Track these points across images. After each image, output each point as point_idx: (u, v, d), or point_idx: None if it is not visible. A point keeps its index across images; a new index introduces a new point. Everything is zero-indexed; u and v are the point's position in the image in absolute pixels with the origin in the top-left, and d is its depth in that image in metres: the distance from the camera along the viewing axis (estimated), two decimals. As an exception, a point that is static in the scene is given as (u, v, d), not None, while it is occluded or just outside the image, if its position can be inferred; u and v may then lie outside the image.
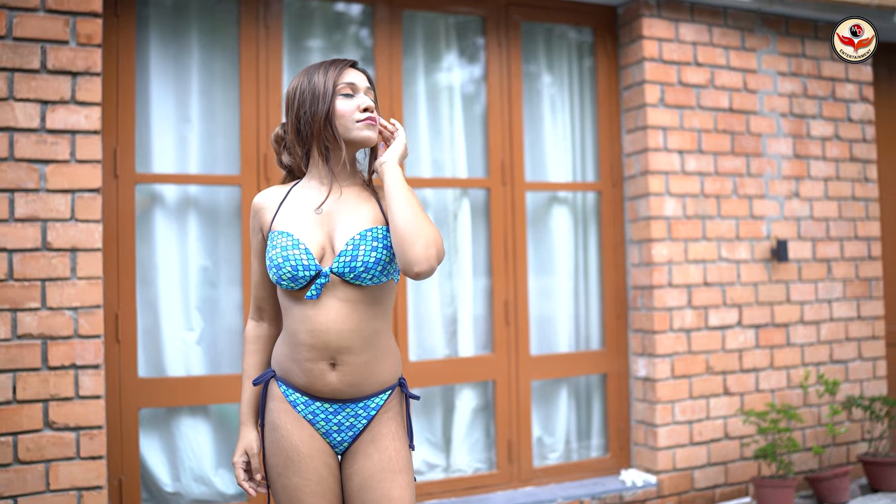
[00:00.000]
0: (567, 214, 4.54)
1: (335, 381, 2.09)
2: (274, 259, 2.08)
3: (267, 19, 3.89)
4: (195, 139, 3.85)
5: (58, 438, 3.21)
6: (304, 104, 2.13)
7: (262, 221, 2.20)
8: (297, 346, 2.09)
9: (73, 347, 3.25)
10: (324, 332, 2.06)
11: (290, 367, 2.12)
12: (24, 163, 3.22)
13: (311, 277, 2.06)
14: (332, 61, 2.17)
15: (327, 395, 2.10)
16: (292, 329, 2.10)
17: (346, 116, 2.12)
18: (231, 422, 3.84)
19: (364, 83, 2.17)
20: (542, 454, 4.40)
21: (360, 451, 2.12)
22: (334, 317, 2.07)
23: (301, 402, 2.12)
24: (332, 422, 2.12)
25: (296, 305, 2.09)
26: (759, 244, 4.56)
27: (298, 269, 2.05)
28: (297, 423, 2.11)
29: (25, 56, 3.24)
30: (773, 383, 4.56)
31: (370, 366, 2.11)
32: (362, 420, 2.13)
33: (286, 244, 2.08)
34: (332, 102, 2.11)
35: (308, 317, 2.07)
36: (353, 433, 2.13)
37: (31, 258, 3.21)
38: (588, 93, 4.60)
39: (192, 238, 3.82)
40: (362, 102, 2.13)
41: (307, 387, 2.10)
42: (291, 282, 2.06)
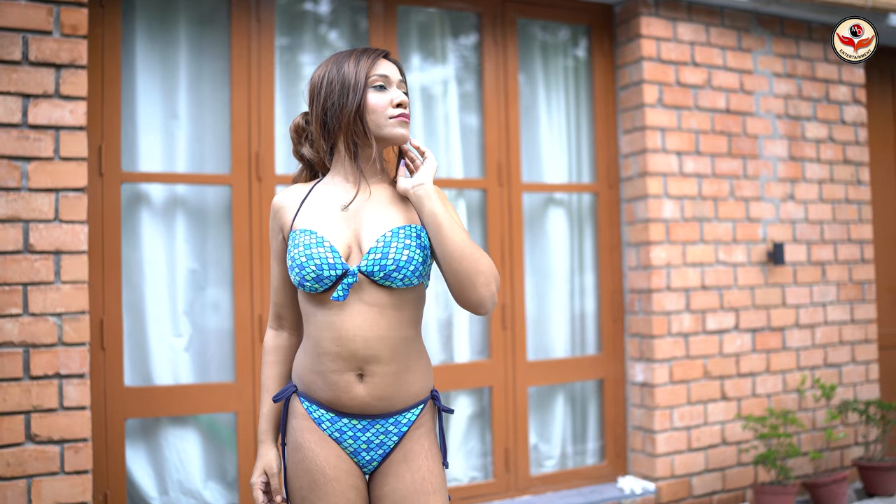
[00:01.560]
0: (563, 216, 4.44)
1: (363, 394, 1.93)
2: (296, 258, 1.92)
3: (259, 11, 3.73)
4: (183, 136, 3.68)
5: (40, 452, 3.03)
6: (332, 95, 1.98)
7: (282, 221, 2.05)
8: (321, 355, 1.93)
9: (56, 356, 3.07)
10: (350, 340, 1.90)
11: (314, 381, 1.96)
12: (5, 160, 3.04)
13: (336, 278, 1.90)
14: (363, 49, 2.02)
15: (355, 410, 1.94)
16: (315, 337, 1.94)
17: (378, 112, 1.97)
18: (220, 432, 3.68)
19: (397, 75, 2.02)
20: (538, 462, 4.29)
21: (392, 472, 1.97)
22: (360, 322, 1.91)
23: (326, 418, 1.96)
24: (361, 440, 1.96)
25: (319, 311, 1.93)
26: (756, 247, 4.50)
27: (323, 267, 1.89)
28: (322, 443, 1.95)
29: (6, 46, 3.06)
30: (770, 388, 4.50)
31: (400, 377, 1.95)
32: (393, 437, 1.97)
33: (309, 242, 1.92)
34: (364, 95, 1.96)
35: (333, 323, 1.91)
36: (383, 451, 1.97)
37: (11, 261, 3.03)
38: (584, 92, 4.50)
39: (180, 240, 3.65)
40: (396, 97, 1.99)
41: (332, 401, 1.94)
42: (316, 282, 1.90)
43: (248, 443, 3.61)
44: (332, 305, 1.92)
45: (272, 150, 3.71)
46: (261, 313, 3.64)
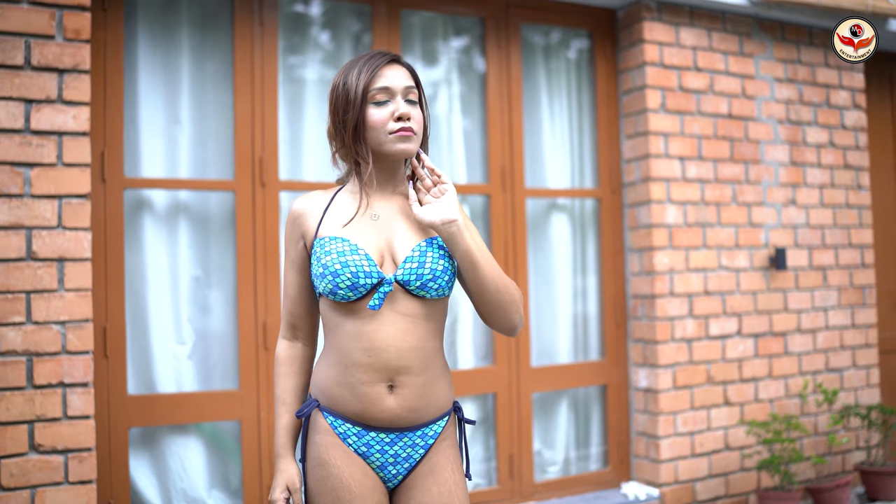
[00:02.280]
0: (566, 222, 4.42)
1: (394, 405, 1.89)
2: (329, 265, 1.86)
3: (262, 15, 3.70)
4: (186, 141, 3.64)
5: (44, 462, 2.99)
6: (339, 109, 1.95)
7: (303, 228, 1.98)
8: (351, 367, 1.88)
9: (60, 364, 3.03)
10: (383, 350, 1.86)
11: (340, 394, 1.90)
12: (7, 166, 2.99)
13: (371, 286, 1.86)
14: (370, 56, 1.95)
15: (384, 423, 1.90)
16: (344, 348, 1.89)
17: (377, 128, 1.91)
18: (224, 440, 3.64)
19: (402, 82, 1.94)
20: (541, 468, 4.27)
21: (418, 486, 1.93)
22: (394, 332, 1.87)
23: (353, 433, 1.91)
24: (388, 454, 1.92)
25: (348, 320, 1.88)
26: (758, 252, 4.49)
27: (360, 275, 1.85)
28: (348, 459, 1.90)
29: (8, 51, 3.01)
30: (772, 393, 4.50)
31: (428, 388, 1.92)
32: (420, 450, 1.94)
33: (343, 249, 1.87)
34: (362, 112, 1.91)
35: (365, 333, 1.87)
36: (409, 465, 1.94)
37: (14, 269, 2.99)
38: (586, 97, 4.49)
39: (183, 246, 3.61)
40: (397, 109, 1.91)
41: (361, 414, 1.89)
42: (350, 290, 1.85)
43: (252, 451, 3.57)
44: (364, 315, 1.87)
45: (276, 156, 3.68)
46: (265, 320, 3.61)
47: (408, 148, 1.93)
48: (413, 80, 1.98)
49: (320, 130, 3.84)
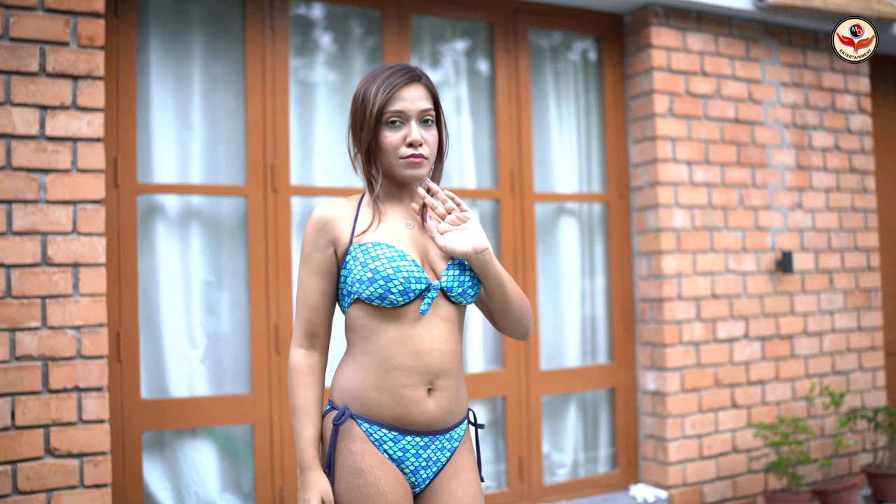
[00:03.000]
0: (574, 226, 4.45)
1: (433, 408, 1.91)
2: (381, 270, 1.87)
3: (273, 20, 3.72)
4: (198, 147, 3.67)
5: (60, 466, 3.01)
6: (356, 123, 1.97)
7: (334, 234, 1.95)
8: (392, 371, 1.89)
9: (75, 369, 3.05)
10: (428, 354, 1.89)
11: (377, 399, 1.90)
12: (23, 172, 3.02)
13: (419, 292, 1.90)
14: (391, 73, 1.96)
15: (421, 426, 1.91)
16: (385, 352, 1.89)
17: (388, 151, 1.94)
18: (236, 444, 3.66)
19: (418, 105, 1.95)
20: (550, 470, 4.29)
21: (443, 488, 1.96)
22: (437, 336, 1.91)
23: (388, 438, 1.91)
24: (422, 457, 1.94)
25: (391, 325, 1.90)
26: (765, 256, 4.52)
27: (411, 280, 1.88)
28: (384, 467, 1.90)
29: (23, 58, 3.04)
30: (779, 395, 4.52)
31: (457, 391, 1.97)
32: (446, 453, 1.97)
33: (392, 255, 1.89)
34: (377, 133, 1.94)
35: (410, 337, 1.89)
36: (436, 468, 1.97)
37: (30, 274, 3.01)
38: (594, 102, 4.52)
39: (195, 251, 3.63)
40: (409, 134, 1.93)
41: (400, 418, 1.90)
42: (401, 295, 1.87)
43: (264, 454, 3.60)
44: (408, 319, 1.90)
45: (287, 161, 3.70)
46: (276, 324, 3.63)
47: (417, 174, 1.96)
48: (432, 100, 2.00)
49: (331, 135, 3.87)
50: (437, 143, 2.03)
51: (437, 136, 2.01)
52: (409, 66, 2.00)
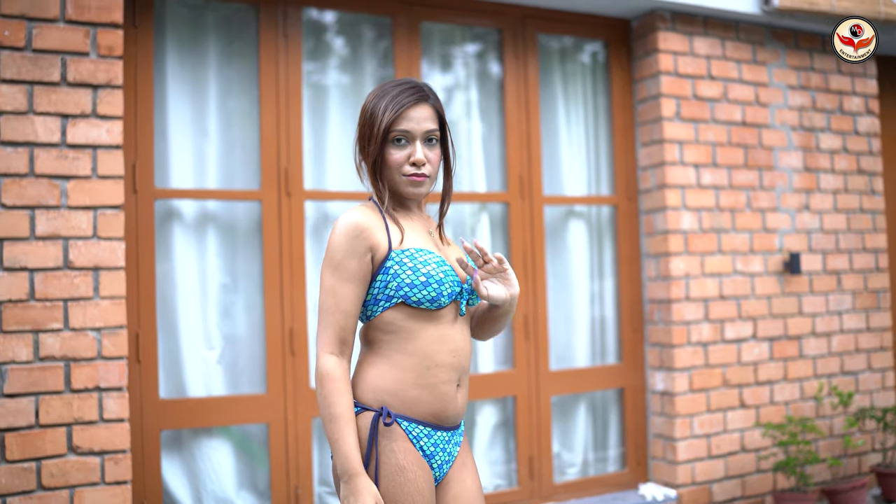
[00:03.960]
0: (583, 228, 4.51)
1: (460, 402, 2.06)
2: (433, 274, 1.96)
3: (286, 28, 3.81)
4: (214, 153, 3.76)
5: (82, 463, 3.10)
6: (364, 136, 2.05)
7: (372, 241, 1.98)
8: (434, 368, 1.98)
9: (96, 369, 3.15)
10: (462, 350, 2.04)
11: (418, 396, 1.98)
12: (45, 179, 3.12)
13: (456, 295, 2.03)
14: (400, 91, 2.02)
15: (451, 420, 2.04)
16: (426, 351, 1.98)
17: (393, 168, 2.03)
18: (252, 442, 3.75)
19: (423, 125, 2.02)
20: (560, 469, 4.36)
21: (455, 478, 2.07)
22: (467, 335, 2.07)
23: (424, 434, 2.00)
24: (446, 451, 2.05)
25: (430, 325, 1.99)
26: (772, 257, 4.57)
27: (455, 283, 2.01)
28: (420, 464, 1.98)
29: (45, 68, 3.14)
30: (788, 395, 4.57)
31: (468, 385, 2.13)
32: (457, 446, 2.09)
33: (437, 261, 2.00)
34: (383, 149, 2.02)
35: (450, 336, 2.01)
36: (452, 461, 2.08)
37: (52, 277, 3.11)
38: (602, 106, 4.59)
39: (212, 254, 3.73)
40: (413, 153, 2.01)
41: (438, 413, 2.00)
42: (449, 298, 2.00)
43: (279, 453, 3.68)
44: (445, 320, 2.01)
45: (300, 166, 3.79)
46: (291, 326, 3.72)
47: (418, 192, 2.05)
48: (437, 119, 2.07)
49: (344, 140, 3.95)
50: (444, 161, 2.12)
51: (440, 154, 2.09)
52: (418, 85, 2.06)
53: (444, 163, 2.14)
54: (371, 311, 2.02)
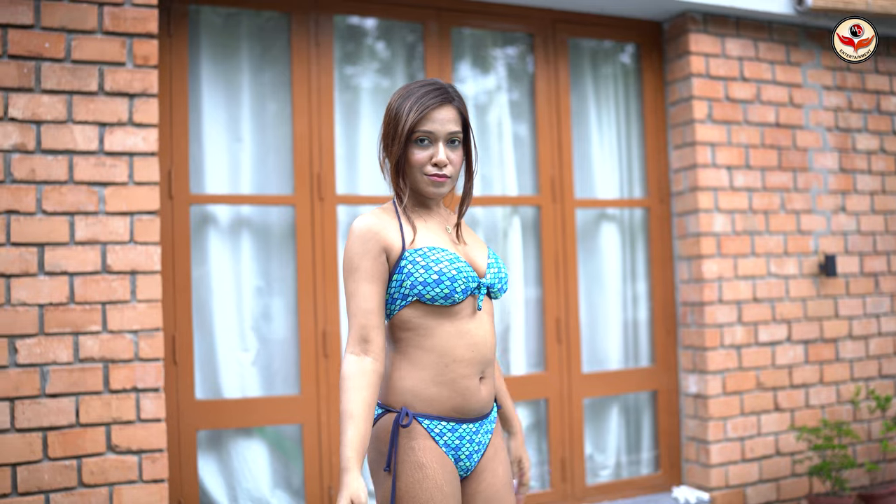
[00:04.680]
0: (616, 231, 4.52)
1: (484, 394, 2.08)
2: (446, 272, 2.00)
3: (318, 35, 3.88)
4: (248, 159, 3.84)
5: (120, 462, 3.19)
6: (388, 135, 2.09)
7: (386, 242, 2.03)
8: (452, 363, 2.03)
9: (133, 370, 3.23)
10: (482, 345, 2.06)
11: (438, 393, 2.02)
12: (84, 185, 3.21)
13: (472, 290, 2.06)
14: (424, 92, 2.06)
15: (475, 412, 2.07)
16: (444, 347, 2.02)
17: (415, 167, 2.07)
18: (286, 443, 3.82)
19: (447, 127, 2.06)
20: (593, 471, 4.37)
21: (488, 468, 2.11)
22: (488, 328, 2.09)
23: (447, 430, 2.03)
24: (475, 442, 2.08)
25: (448, 321, 2.03)
26: (807, 259, 4.53)
27: (470, 279, 2.04)
28: (441, 460, 2.02)
29: (84, 78, 3.24)
30: (823, 399, 4.52)
31: (494, 375, 2.15)
32: (489, 435, 2.12)
33: (450, 258, 2.03)
34: (406, 149, 2.06)
35: (467, 331, 2.04)
36: (483, 450, 2.11)
37: (91, 281, 3.20)
38: (634, 109, 4.59)
39: (246, 258, 3.80)
40: (435, 154, 2.05)
41: (460, 408, 2.04)
42: (463, 294, 2.03)
43: (313, 453, 3.74)
44: (462, 315, 2.05)
45: (333, 171, 3.85)
46: (324, 328, 3.78)
47: (439, 192, 2.10)
48: (461, 121, 2.10)
49: (375, 145, 4.00)
50: (466, 162, 2.16)
51: (462, 155, 2.13)
52: (443, 87, 2.09)
53: (465, 163, 2.18)
54: (390, 309, 2.07)
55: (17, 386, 3.07)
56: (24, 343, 3.09)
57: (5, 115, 3.13)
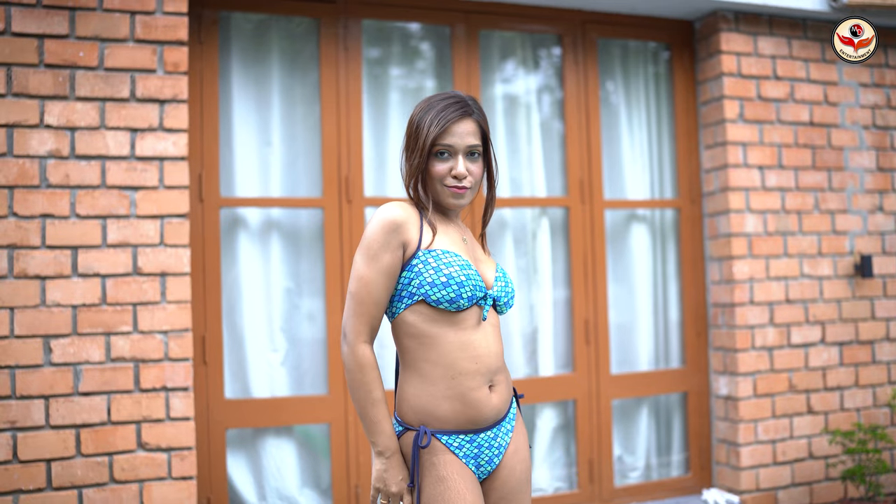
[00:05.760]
0: (645, 232, 4.50)
1: (496, 402, 2.11)
2: (455, 276, 2.03)
3: (346, 41, 3.93)
4: (277, 162, 3.90)
5: (150, 459, 3.28)
6: (410, 147, 2.13)
7: (406, 237, 2.06)
8: (458, 377, 2.05)
9: (163, 370, 3.32)
10: (486, 356, 2.08)
11: (451, 407, 2.06)
12: (116, 189, 3.30)
13: (477, 300, 2.08)
14: (445, 105, 2.10)
15: (490, 420, 2.10)
16: (448, 360, 2.05)
17: (436, 179, 2.11)
18: (315, 442, 3.88)
19: (466, 140, 2.10)
20: (622, 473, 4.36)
21: (507, 465, 2.14)
22: (492, 340, 2.11)
23: (465, 442, 2.07)
24: (494, 446, 2.12)
25: (451, 332, 2.06)
26: (843, 260, 4.46)
27: (478, 287, 2.06)
28: (463, 472, 2.06)
29: (116, 85, 3.33)
30: (859, 402, 4.45)
31: (508, 380, 2.18)
32: (509, 434, 2.15)
33: (462, 263, 2.06)
34: (428, 162, 2.10)
35: (470, 343, 2.07)
36: (502, 452, 2.14)
37: (122, 283, 3.29)
38: (665, 109, 4.56)
39: (276, 260, 3.87)
40: (455, 167, 2.10)
41: (473, 420, 2.07)
42: (469, 301, 2.05)
43: (340, 452, 3.80)
44: (465, 326, 2.07)
45: (361, 174, 3.90)
46: (351, 329, 3.82)
47: (459, 203, 2.14)
48: (480, 134, 2.14)
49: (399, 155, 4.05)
50: (486, 173, 2.20)
51: (482, 167, 2.17)
52: (463, 100, 2.13)
53: (486, 175, 2.21)
54: (396, 307, 2.09)
55: (52, 384, 3.17)
56: (59, 343, 3.20)
57: (41, 123, 3.23)
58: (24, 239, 3.18)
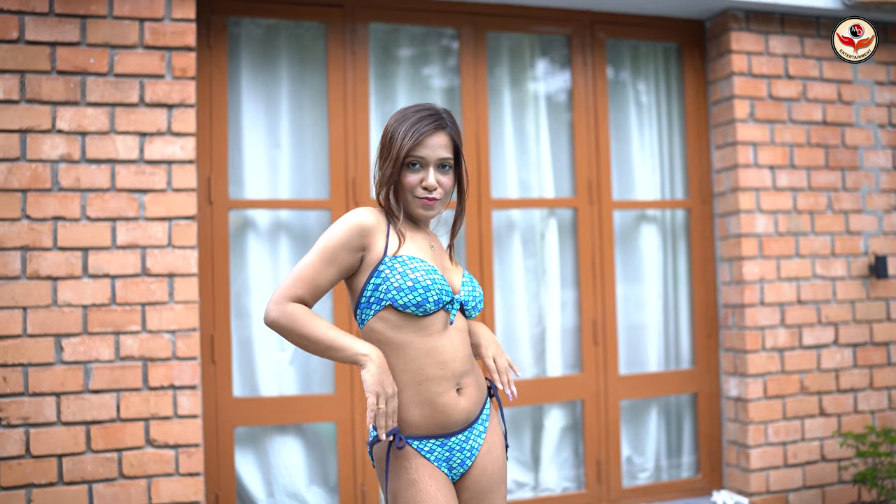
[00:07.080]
0: (655, 233, 4.49)
1: (465, 405, 2.14)
2: (421, 280, 2.07)
3: (354, 45, 3.98)
4: (286, 165, 3.97)
5: (158, 456, 3.36)
6: (383, 156, 2.18)
7: (369, 242, 2.11)
8: (424, 382, 2.09)
9: (171, 369, 3.40)
10: (451, 361, 2.12)
11: (420, 413, 2.10)
12: (125, 192, 3.38)
13: (444, 304, 2.12)
14: (419, 118, 2.14)
15: (461, 423, 2.13)
16: (415, 366, 2.09)
17: (406, 189, 2.16)
18: (322, 440, 3.94)
19: (438, 153, 2.15)
20: (631, 474, 4.36)
21: (478, 465, 2.18)
22: (457, 345, 2.14)
23: (436, 446, 2.12)
24: (466, 449, 2.16)
25: (418, 337, 2.09)
26: (857, 260, 4.42)
27: (444, 292, 2.10)
28: (434, 475, 2.10)
29: (125, 91, 3.41)
30: (874, 404, 4.40)
31: (478, 381, 2.21)
32: (482, 435, 2.19)
33: (427, 268, 2.10)
34: (400, 173, 2.14)
35: (436, 349, 2.10)
36: (475, 454, 2.18)
37: (131, 283, 3.37)
38: (675, 109, 4.55)
39: (284, 261, 3.94)
40: (425, 178, 2.14)
41: (443, 424, 2.11)
42: (435, 305, 2.09)
43: (347, 450, 3.85)
44: (431, 332, 2.11)
45: (367, 176, 3.95)
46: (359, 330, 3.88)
47: (427, 214, 2.20)
48: (452, 148, 2.19)
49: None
50: (457, 185, 2.25)
51: (453, 179, 2.22)
52: (438, 113, 2.17)
53: (458, 188, 2.26)
54: (364, 314, 2.13)
55: (63, 382, 3.27)
56: (70, 342, 3.29)
57: (53, 128, 3.32)
58: (37, 241, 3.28)
